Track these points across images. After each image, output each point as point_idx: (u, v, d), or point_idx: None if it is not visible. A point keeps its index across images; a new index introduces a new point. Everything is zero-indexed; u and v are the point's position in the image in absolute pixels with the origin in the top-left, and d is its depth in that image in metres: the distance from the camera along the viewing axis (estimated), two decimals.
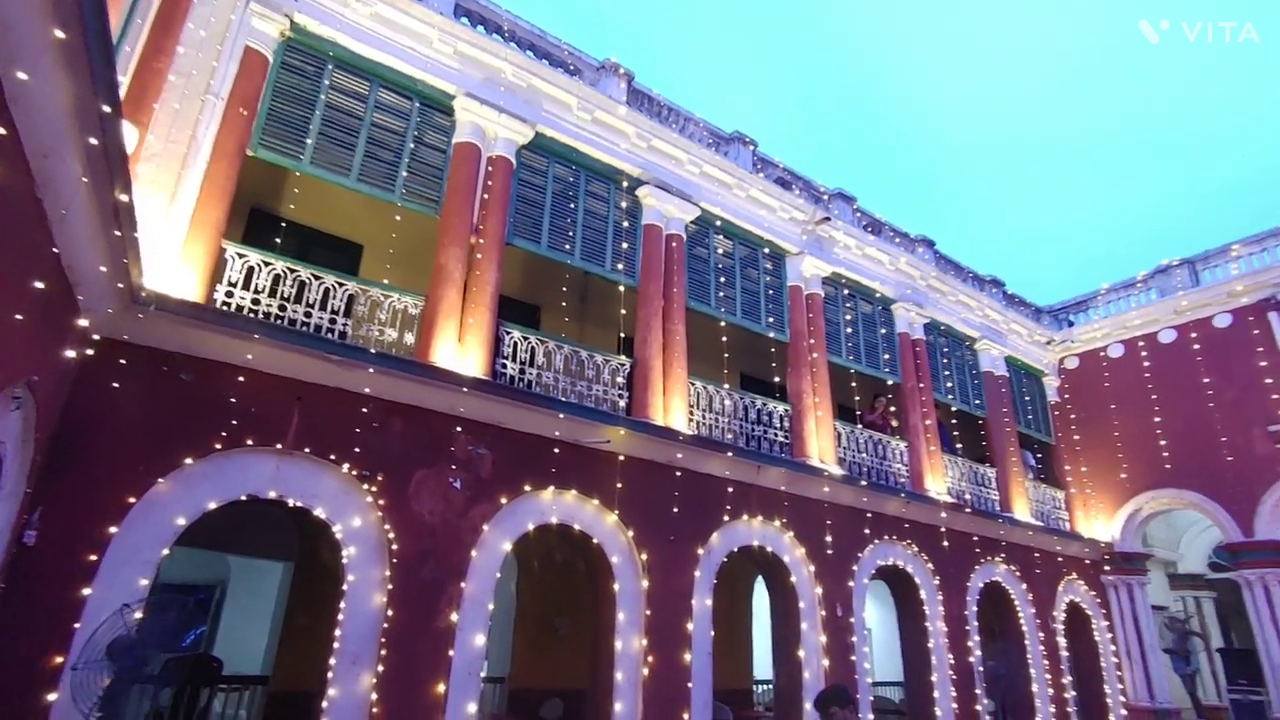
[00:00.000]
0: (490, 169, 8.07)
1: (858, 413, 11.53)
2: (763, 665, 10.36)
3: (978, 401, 13.15)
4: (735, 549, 8.68)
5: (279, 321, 6.41)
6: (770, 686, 10.78)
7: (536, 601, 9.95)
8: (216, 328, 5.69)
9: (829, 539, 9.54)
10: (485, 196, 7.91)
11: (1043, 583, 12.27)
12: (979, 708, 10.28)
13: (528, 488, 7.16)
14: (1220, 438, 12.38)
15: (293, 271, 6.69)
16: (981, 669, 10.63)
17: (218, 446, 5.69)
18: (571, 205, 8.81)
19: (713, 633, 7.99)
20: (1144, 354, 13.77)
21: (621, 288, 8.94)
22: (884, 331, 11.97)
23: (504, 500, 6.97)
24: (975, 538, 11.47)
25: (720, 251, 10.22)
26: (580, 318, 10.94)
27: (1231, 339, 12.66)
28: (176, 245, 5.93)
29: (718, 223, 10.19)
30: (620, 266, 8.93)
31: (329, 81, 7.37)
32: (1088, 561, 13.38)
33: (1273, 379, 11.99)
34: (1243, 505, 11.90)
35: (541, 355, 7.98)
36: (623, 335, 9.20)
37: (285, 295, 6.60)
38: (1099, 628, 12.90)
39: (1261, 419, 11.93)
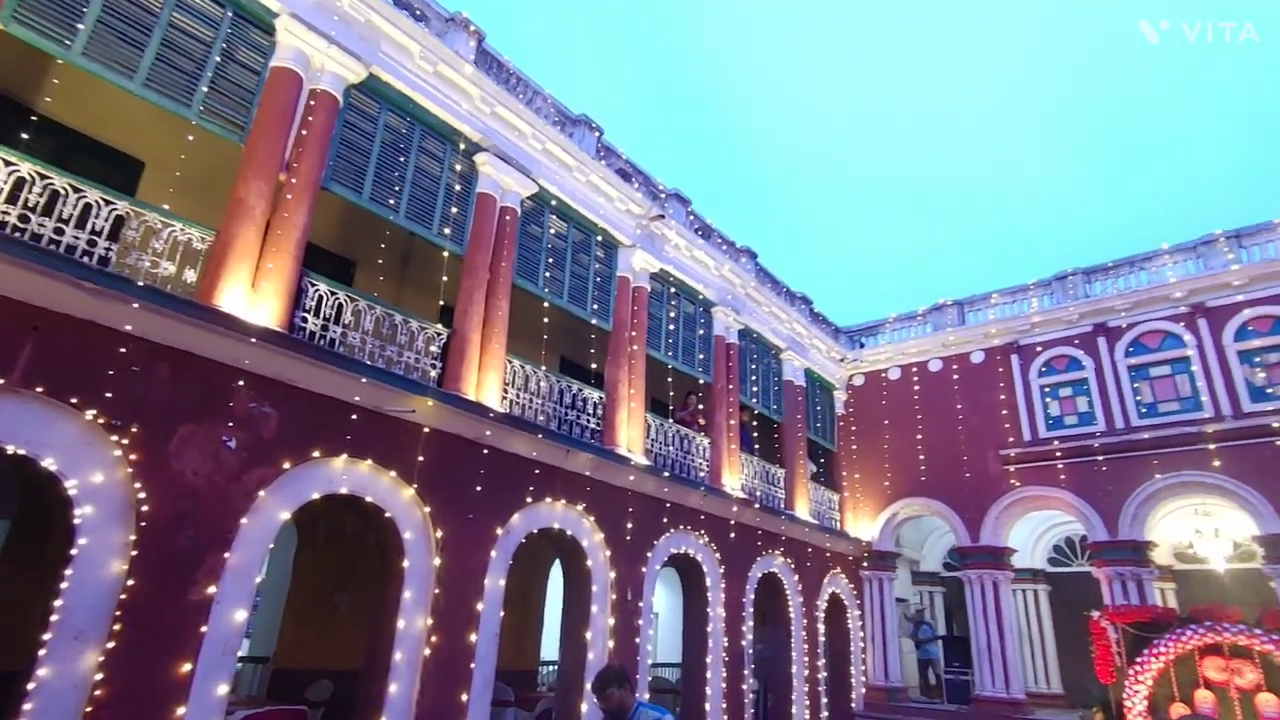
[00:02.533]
0: (312, 103, 7.34)
1: (670, 408, 12.00)
2: (552, 647, 10.47)
3: (776, 407, 14.23)
4: (535, 531, 8.65)
5: (17, 235, 5.36)
6: (556, 668, 10.91)
7: (316, 576, 9.28)
8: None
9: (629, 526, 9.82)
10: (303, 133, 7.17)
11: (812, 575, 13.56)
12: (745, 686, 11.13)
13: (317, 453, 6.61)
14: (964, 456, 14.42)
15: (44, 178, 5.63)
16: (751, 652, 11.53)
17: None
18: (402, 159, 8.26)
19: (502, 614, 7.90)
20: (915, 379, 15.67)
21: (446, 254, 8.54)
22: (702, 332, 12.54)
23: (288, 465, 6.38)
24: (760, 532, 12.41)
25: (553, 232, 10.12)
26: (400, 280, 10.34)
27: (982, 374, 14.78)
28: None
29: (554, 202, 10.08)
30: (448, 232, 8.52)
31: None
32: (851, 558, 14.99)
33: (1007, 410, 14.17)
34: (974, 515, 13.95)
35: (350, 314, 7.41)
36: (442, 304, 8.81)
37: (31, 205, 5.53)
38: (852, 616, 14.53)
39: (995, 444, 14.06)
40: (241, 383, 6.20)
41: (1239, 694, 8.09)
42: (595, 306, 10.39)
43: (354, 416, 6.97)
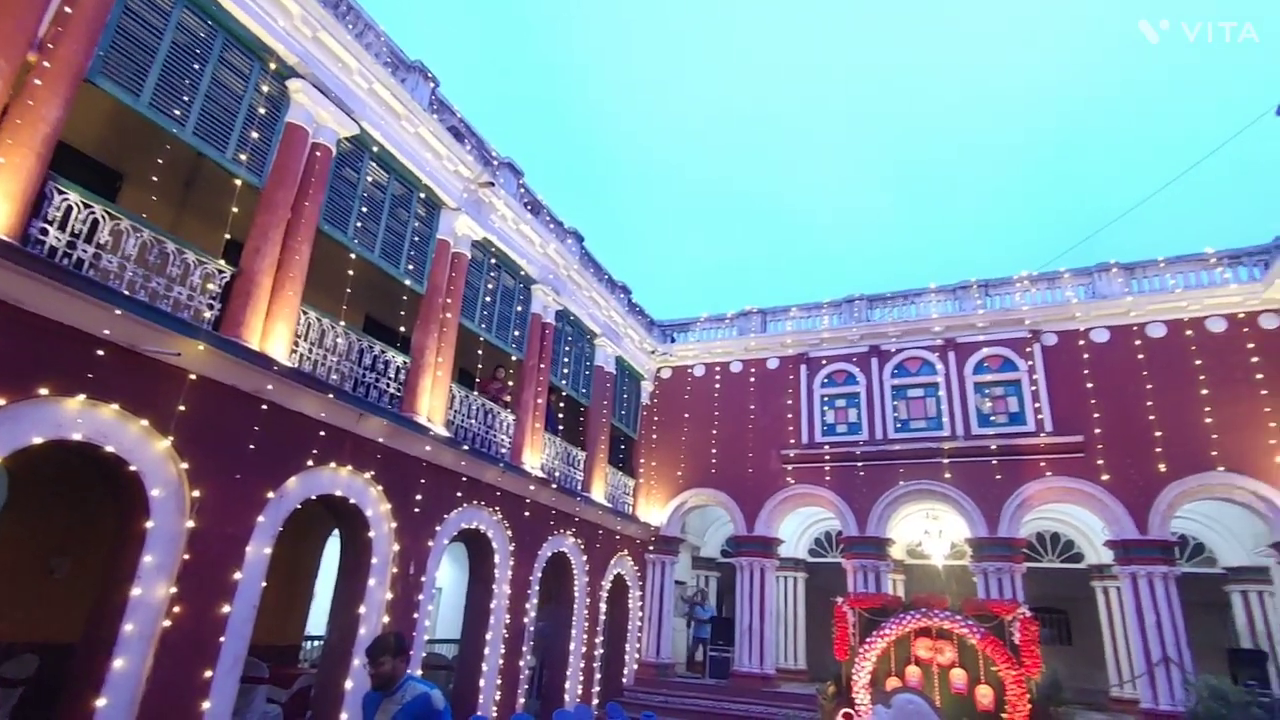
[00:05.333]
0: None
1: (477, 380, 11.71)
2: (321, 622, 9.79)
3: (585, 391, 14.45)
4: (314, 496, 8.04)
5: None
6: (323, 643, 10.26)
7: (29, 535, 7.91)
8: None
9: (419, 498, 9.46)
10: (67, 10, 6.02)
11: (600, 556, 13.98)
12: (521, 663, 11.22)
13: (45, 390, 5.61)
14: (750, 454, 15.63)
15: None
16: (532, 629, 11.65)
17: None
18: (197, 67, 7.23)
19: (265, 584, 7.26)
20: (718, 378, 16.69)
21: (240, 183, 7.61)
22: (520, 309, 12.38)
23: (2, 401, 5.35)
24: (554, 511, 12.55)
25: (371, 181, 9.43)
26: (180, 205, 9.10)
27: (775, 379, 16.09)
28: None
29: (376, 149, 9.39)
30: (244, 158, 7.61)
31: None
32: (638, 541, 15.66)
33: (791, 415, 15.56)
34: (752, 507, 15.19)
35: (108, 233, 6.36)
36: (231, 239, 7.85)
37: None
38: (634, 597, 15.20)
39: (778, 444, 15.39)
40: None
41: (939, 669, 9.59)
42: (410, 267, 9.85)
43: (100, 353, 6.01)
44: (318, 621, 10.99)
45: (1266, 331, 12.30)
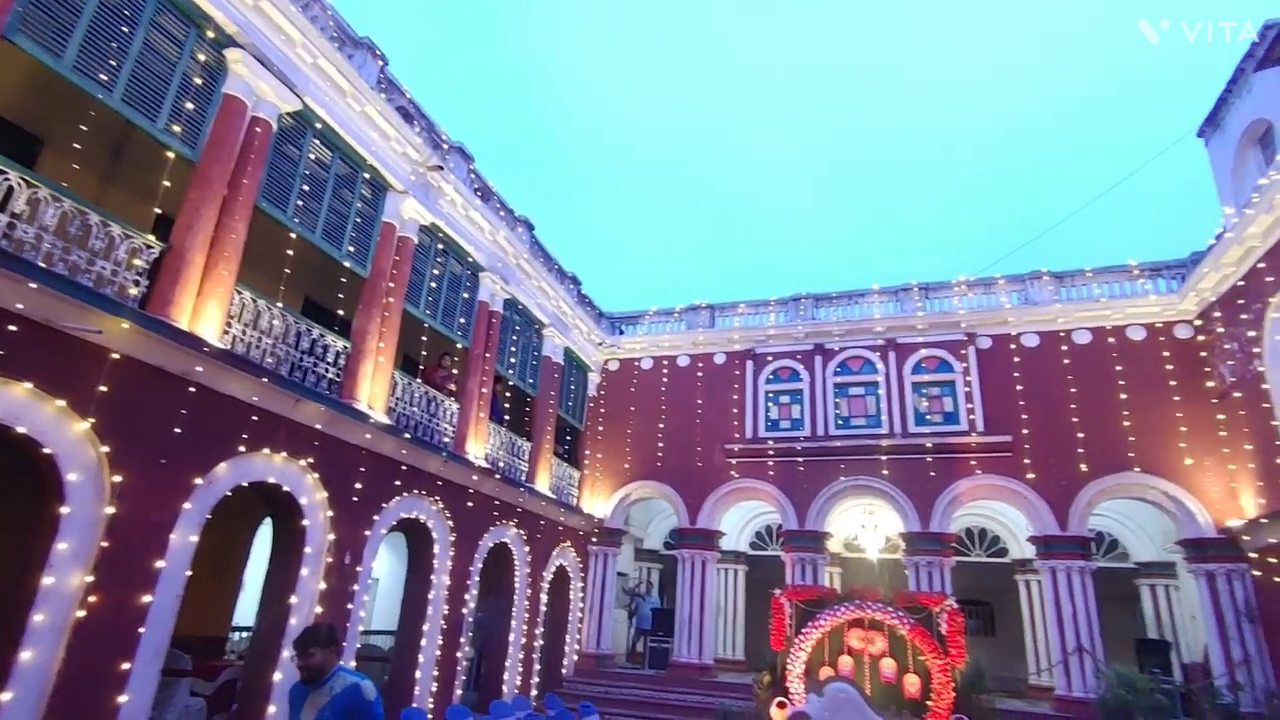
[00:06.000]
0: None
1: (421, 367, 11.50)
2: (251, 612, 9.47)
3: (533, 381, 14.34)
4: (246, 483, 7.77)
5: None
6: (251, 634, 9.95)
7: None
8: None
9: (358, 486, 9.24)
10: None
11: (542, 547, 13.93)
12: (460, 654, 11.10)
13: None
14: (697, 447, 15.78)
15: None
16: (471, 620, 11.53)
17: None
18: (126, 29, 6.86)
19: (189, 573, 6.98)
20: (665, 371, 16.78)
21: (172, 155, 7.27)
22: (467, 296, 12.19)
23: None
24: (497, 502, 12.43)
25: (314, 159, 9.13)
26: (106, 175, 8.66)
27: (722, 374, 16.26)
28: None
29: (319, 126, 9.09)
30: (178, 129, 7.27)
31: None
32: (582, 533, 15.66)
33: (737, 410, 15.76)
34: (696, 501, 15.35)
35: (24, 201, 5.99)
36: (161, 213, 7.50)
37: None
38: (575, 588, 15.20)
39: (723, 438, 15.58)
40: None
41: (870, 659, 9.89)
42: (353, 249, 9.58)
43: (13, 328, 5.67)
44: (247, 612, 10.65)
45: (1180, 341, 13.05)
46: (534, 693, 12.97)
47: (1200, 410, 12.46)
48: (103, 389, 6.27)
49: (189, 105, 7.40)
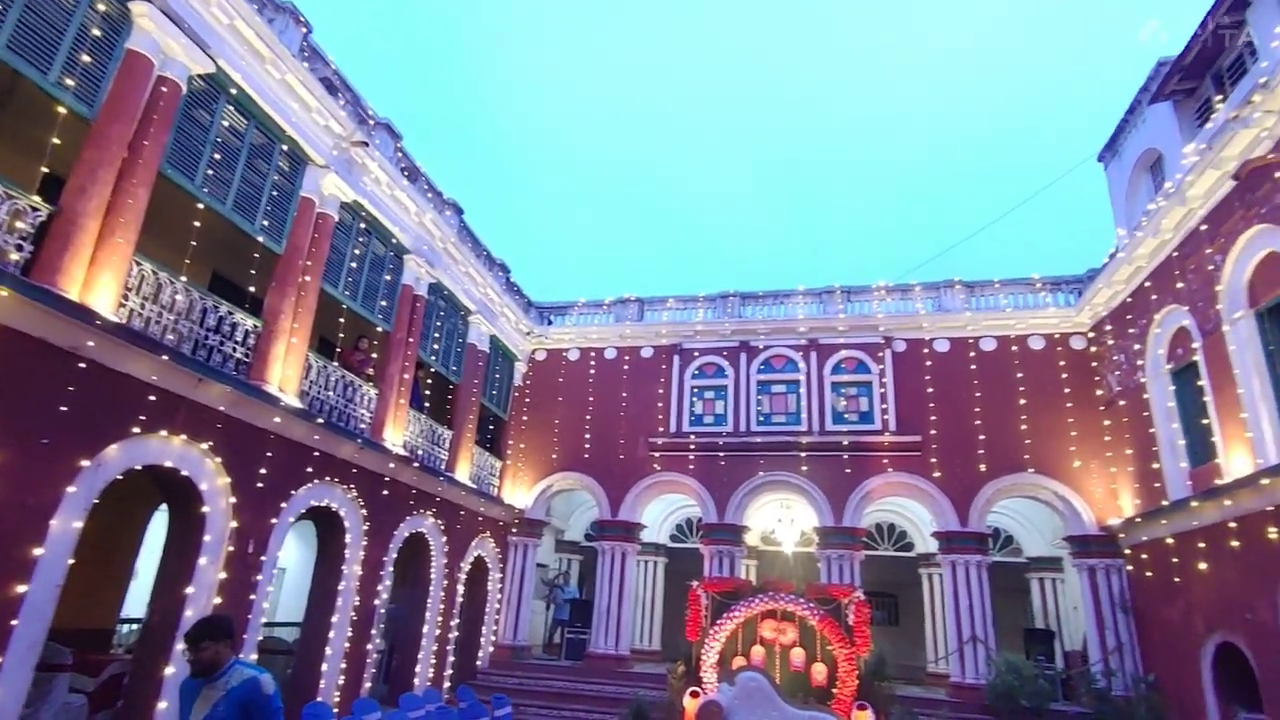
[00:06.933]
0: None
1: (338, 350, 11.08)
2: (142, 603, 8.91)
3: (456, 369, 14.04)
4: (140, 467, 7.30)
5: None
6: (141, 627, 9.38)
7: None
8: None
9: (264, 472, 8.83)
10: None
11: (460, 537, 13.68)
12: (370, 646, 10.79)
13: None
14: (621, 440, 15.82)
15: None
16: (382, 611, 11.22)
17: None
18: None
19: (72, 561, 6.51)
20: (592, 363, 16.74)
21: (63, 109, 6.73)
22: (389, 278, 11.81)
23: None
24: (415, 491, 12.13)
25: (228, 125, 8.63)
26: None
27: (648, 368, 16.36)
28: None
29: (234, 91, 8.59)
30: (72, 83, 6.73)
31: None
32: (502, 523, 15.47)
33: (662, 404, 15.90)
34: (618, 493, 15.40)
35: None
36: (51, 173, 6.93)
37: None
38: (494, 579, 15.02)
39: (647, 432, 15.69)
40: None
41: (781, 649, 10.19)
42: (267, 223, 9.12)
43: None
44: (138, 603, 10.01)
45: (1075, 351, 13.97)
46: (447, 685, 12.75)
47: (1089, 417, 13.39)
48: None
49: (86, 59, 6.86)
